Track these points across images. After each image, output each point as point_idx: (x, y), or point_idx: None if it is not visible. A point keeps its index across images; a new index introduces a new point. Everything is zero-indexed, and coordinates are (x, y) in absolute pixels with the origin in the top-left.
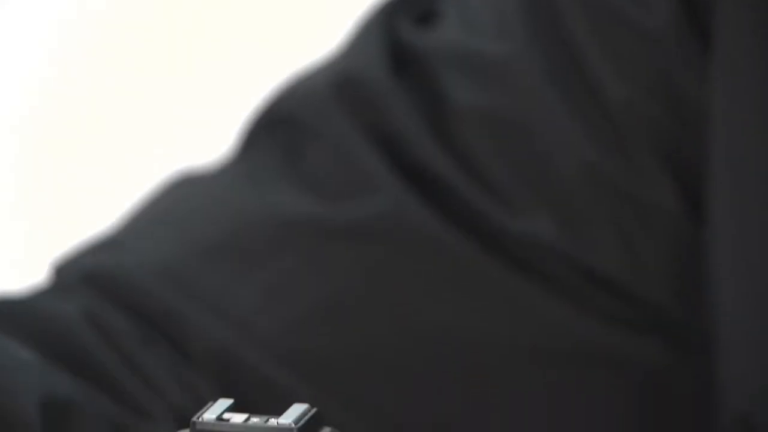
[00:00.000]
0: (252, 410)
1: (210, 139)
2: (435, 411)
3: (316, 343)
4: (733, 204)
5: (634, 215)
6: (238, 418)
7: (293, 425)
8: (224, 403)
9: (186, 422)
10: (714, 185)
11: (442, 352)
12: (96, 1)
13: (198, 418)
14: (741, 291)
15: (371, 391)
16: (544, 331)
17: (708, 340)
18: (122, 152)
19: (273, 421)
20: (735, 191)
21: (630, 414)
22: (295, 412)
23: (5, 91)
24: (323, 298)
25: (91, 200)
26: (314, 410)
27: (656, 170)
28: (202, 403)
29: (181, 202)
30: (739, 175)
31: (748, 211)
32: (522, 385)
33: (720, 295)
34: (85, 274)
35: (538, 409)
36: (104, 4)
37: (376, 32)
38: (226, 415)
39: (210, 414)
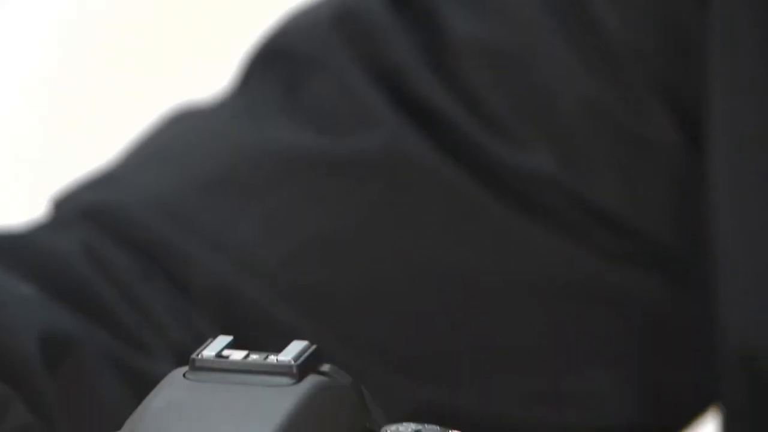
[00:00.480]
0: (252, 347)
1: (210, 73)
2: (435, 346)
3: (316, 278)
4: (732, 136)
5: (633, 149)
6: (237, 355)
7: (293, 362)
8: (224, 339)
9: (185, 358)
10: (713, 118)
11: (441, 286)
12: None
13: (197, 354)
14: (740, 225)
15: (371, 326)
16: (543, 265)
17: (707, 274)
18: (124, 89)
19: (272, 358)
20: (734, 123)
21: (630, 348)
22: (295, 348)
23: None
24: (322, 232)
25: None
26: (314, 347)
27: (655, 104)
28: (202, 339)
29: (180, 137)
30: (738, 107)
31: (747, 143)
32: (521, 319)
33: (719, 229)
34: (83, 208)
35: (538, 343)
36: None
37: None
38: (225, 352)
39: (209, 351)
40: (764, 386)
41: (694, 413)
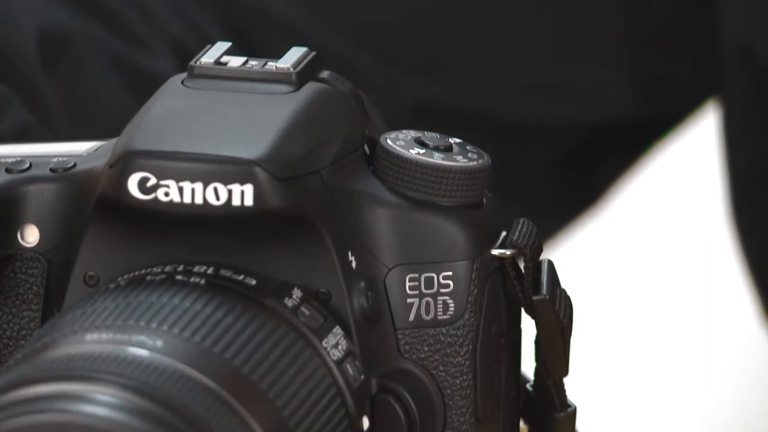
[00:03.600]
0: (251, 53)
1: None
2: (432, 36)
3: None
4: None
5: None
6: (236, 61)
7: (291, 69)
8: (222, 45)
9: (185, 55)
10: None
11: None
12: None
13: (196, 61)
14: None
15: (368, 21)
16: None
17: None
18: None
19: (271, 65)
20: None
21: (627, 40)
22: (294, 55)
23: None
24: None
25: None
26: (313, 54)
27: None
28: (201, 35)
29: None
30: None
31: None
32: (516, 9)
33: None
34: None
35: (534, 34)
36: None
37: None
38: (224, 59)
39: (208, 57)
40: (763, 79)
41: (692, 106)
